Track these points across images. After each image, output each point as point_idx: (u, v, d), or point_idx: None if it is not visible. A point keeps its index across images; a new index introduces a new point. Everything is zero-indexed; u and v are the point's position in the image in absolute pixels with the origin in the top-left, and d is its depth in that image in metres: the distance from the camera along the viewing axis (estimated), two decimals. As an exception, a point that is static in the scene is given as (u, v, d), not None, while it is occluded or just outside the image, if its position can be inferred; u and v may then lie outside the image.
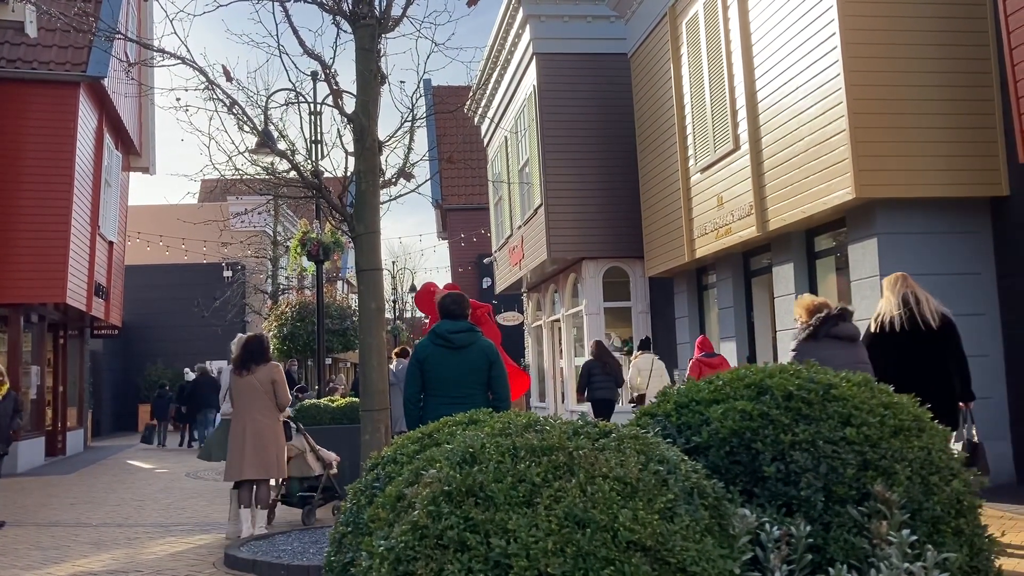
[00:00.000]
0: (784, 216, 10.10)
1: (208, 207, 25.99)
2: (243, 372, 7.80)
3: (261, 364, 7.82)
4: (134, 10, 19.18)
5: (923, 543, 2.51)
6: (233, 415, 7.89)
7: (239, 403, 7.78)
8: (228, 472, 7.82)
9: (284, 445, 8.03)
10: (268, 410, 7.75)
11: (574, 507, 2.27)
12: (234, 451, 7.71)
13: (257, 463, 7.63)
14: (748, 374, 3.06)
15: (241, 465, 7.63)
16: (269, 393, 7.76)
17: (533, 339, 20.88)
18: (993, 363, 8.93)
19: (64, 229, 15.51)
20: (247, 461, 7.60)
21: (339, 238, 13.74)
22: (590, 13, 16.30)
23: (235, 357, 8.03)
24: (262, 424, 7.69)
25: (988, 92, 8.95)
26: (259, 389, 7.73)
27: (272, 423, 7.79)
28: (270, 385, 7.76)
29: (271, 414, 7.77)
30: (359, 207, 6.56)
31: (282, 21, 6.77)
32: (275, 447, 7.78)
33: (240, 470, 7.65)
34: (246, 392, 7.74)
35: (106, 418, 27.57)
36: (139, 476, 14.45)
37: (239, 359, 7.91)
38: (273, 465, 7.75)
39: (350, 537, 3.02)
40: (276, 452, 7.78)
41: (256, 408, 7.69)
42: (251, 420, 7.67)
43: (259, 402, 7.71)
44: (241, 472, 7.65)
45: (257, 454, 7.63)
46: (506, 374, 6.20)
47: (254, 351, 7.88)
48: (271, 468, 7.75)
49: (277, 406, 7.82)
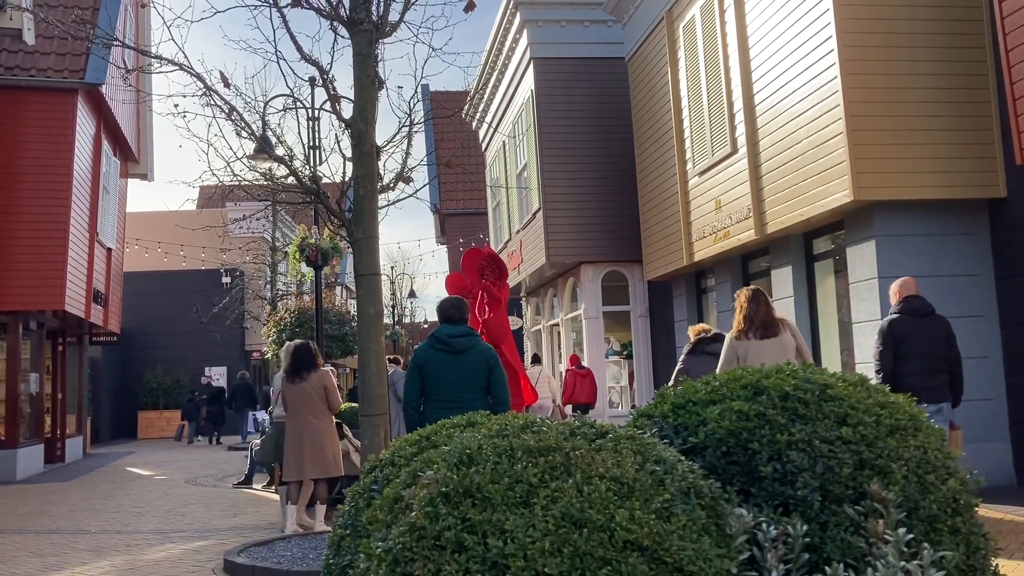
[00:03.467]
0: (782, 219, 10.12)
1: (206, 213, 25.98)
2: (296, 379, 8.09)
3: (312, 371, 8.13)
4: (132, 17, 19.21)
5: (919, 542, 2.51)
6: (288, 420, 8.22)
7: (293, 408, 8.10)
8: (287, 472, 8.14)
9: (339, 445, 8.38)
10: (322, 413, 8.09)
11: (571, 507, 2.27)
12: (293, 453, 8.05)
13: (318, 463, 8.01)
14: (745, 375, 3.06)
15: (302, 466, 7.99)
16: (321, 397, 8.08)
17: (532, 343, 20.88)
18: (992, 364, 8.94)
19: (62, 236, 15.51)
20: (307, 462, 7.97)
21: (338, 243, 13.72)
22: (587, 18, 16.33)
23: (286, 365, 8.28)
24: (318, 427, 8.05)
25: (985, 94, 8.97)
26: (312, 394, 8.05)
27: (327, 425, 8.15)
28: (322, 390, 8.08)
29: (325, 417, 8.12)
30: (357, 212, 6.57)
31: (279, 27, 6.77)
32: (332, 447, 8.15)
33: (301, 470, 8.00)
34: (300, 397, 8.06)
35: (105, 425, 27.53)
36: (138, 483, 14.43)
37: (291, 367, 8.17)
38: (331, 464, 8.11)
39: (348, 539, 3.02)
40: (333, 452, 8.15)
41: (311, 412, 8.03)
42: (307, 423, 8.00)
43: (313, 406, 8.04)
44: (302, 472, 8.01)
45: (316, 455, 7.99)
46: (505, 377, 6.21)
47: (303, 359, 8.15)
48: (330, 467, 8.10)
49: (329, 409, 8.14)
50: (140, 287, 27.77)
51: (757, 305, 6.28)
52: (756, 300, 6.31)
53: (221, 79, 7.06)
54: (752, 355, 6.08)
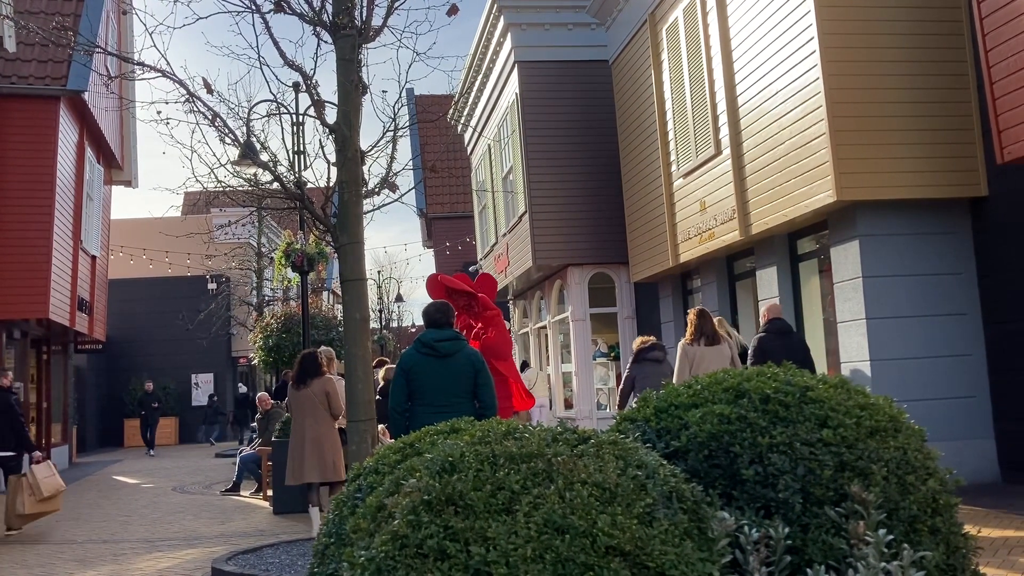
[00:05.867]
0: (767, 220, 10.16)
1: (191, 219, 25.88)
2: (300, 386, 8.26)
3: (316, 377, 8.28)
4: (114, 24, 19.13)
5: (900, 542, 2.53)
6: (292, 425, 8.39)
7: (297, 414, 8.27)
8: (290, 475, 8.24)
9: (341, 450, 8.39)
10: (323, 418, 8.21)
11: (553, 513, 2.28)
12: (295, 457, 8.18)
13: (317, 467, 8.10)
14: (726, 378, 3.08)
15: (302, 469, 8.10)
16: (324, 403, 8.21)
17: (520, 346, 20.89)
18: (976, 362, 9.01)
19: (46, 244, 15.41)
20: (307, 465, 8.07)
21: (323, 249, 13.70)
22: (571, 21, 16.35)
23: (292, 373, 8.47)
24: (319, 431, 8.16)
25: (966, 94, 9.04)
26: (315, 400, 8.19)
27: (328, 430, 8.24)
28: (324, 396, 8.21)
29: (326, 422, 8.23)
30: (342, 217, 6.56)
31: (262, 33, 6.75)
32: (332, 452, 8.21)
33: (301, 474, 8.12)
34: (303, 403, 8.21)
35: (91, 434, 27.35)
36: (125, 491, 14.35)
37: (296, 375, 8.34)
38: (330, 468, 8.16)
39: (333, 548, 3.02)
40: (333, 456, 8.21)
41: (312, 417, 8.16)
42: (309, 428, 8.13)
43: (315, 411, 8.18)
44: (302, 476, 8.12)
45: (316, 458, 8.09)
46: (492, 382, 6.20)
47: (308, 367, 8.31)
48: (328, 471, 8.16)
49: (331, 415, 8.24)
50: (125, 294, 27.60)
51: (704, 321, 8.44)
52: (703, 317, 8.48)
53: (204, 85, 7.03)
54: (698, 358, 8.22)
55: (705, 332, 8.36)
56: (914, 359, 8.91)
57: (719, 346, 8.31)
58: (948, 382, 8.93)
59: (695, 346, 8.33)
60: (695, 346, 8.33)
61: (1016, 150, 7.68)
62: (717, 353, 8.24)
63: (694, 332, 8.41)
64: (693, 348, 8.33)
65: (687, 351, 8.36)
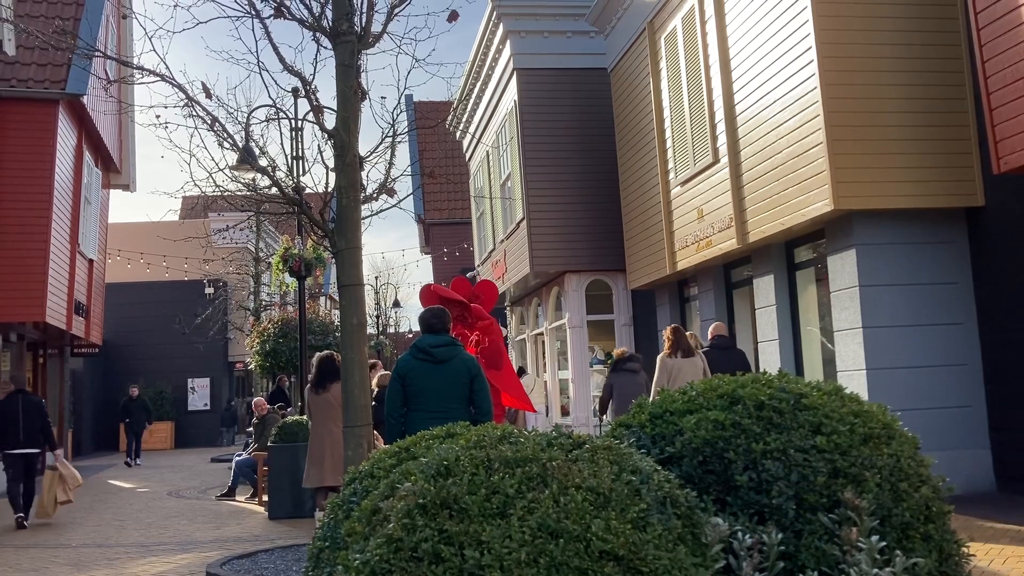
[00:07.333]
0: (764, 228, 10.19)
1: (189, 224, 25.87)
2: (319, 390, 8.23)
3: (335, 381, 8.18)
4: (113, 28, 19.15)
5: (892, 549, 2.54)
6: (311, 428, 8.34)
7: (316, 418, 8.24)
8: (308, 479, 8.21)
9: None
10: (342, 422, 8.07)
11: (547, 518, 2.28)
12: (314, 461, 8.16)
13: (337, 470, 8.01)
14: (721, 384, 3.09)
15: (322, 473, 8.08)
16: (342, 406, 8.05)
17: (517, 353, 20.89)
18: (972, 372, 9.03)
19: (43, 247, 15.40)
20: (327, 469, 8.04)
21: (321, 254, 13.72)
22: (570, 29, 16.40)
23: (311, 377, 8.40)
24: (339, 435, 8.05)
25: (963, 104, 9.07)
26: (333, 403, 8.12)
27: None
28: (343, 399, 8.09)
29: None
30: (340, 223, 6.56)
31: (262, 38, 6.74)
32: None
33: (321, 477, 8.09)
34: (323, 407, 8.20)
35: (87, 437, 27.29)
36: (120, 495, 14.33)
37: (315, 378, 8.30)
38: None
39: (328, 552, 3.02)
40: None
41: (332, 421, 8.10)
42: (328, 432, 8.08)
43: (334, 415, 8.10)
44: (323, 479, 8.08)
45: (336, 462, 7.99)
46: (488, 387, 6.21)
47: (327, 370, 8.26)
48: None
49: None
50: (122, 298, 27.57)
51: (680, 336, 9.27)
52: (679, 332, 9.34)
53: (203, 90, 7.02)
54: (676, 368, 9.02)
55: (682, 346, 9.18)
56: (910, 368, 8.93)
57: (694, 358, 9.12)
58: (944, 391, 8.95)
59: (673, 358, 9.12)
60: (673, 358, 9.12)
61: (1013, 160, 7.71)
62: (692, 365, 9.04)
63: (672, 346, 9.24)
64: (672, 360, 9.11)
65: (666, 363, 9.13)
